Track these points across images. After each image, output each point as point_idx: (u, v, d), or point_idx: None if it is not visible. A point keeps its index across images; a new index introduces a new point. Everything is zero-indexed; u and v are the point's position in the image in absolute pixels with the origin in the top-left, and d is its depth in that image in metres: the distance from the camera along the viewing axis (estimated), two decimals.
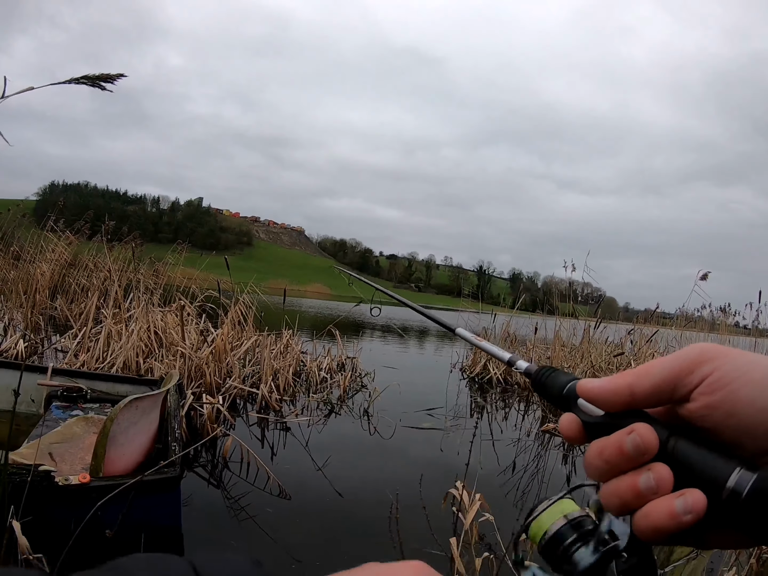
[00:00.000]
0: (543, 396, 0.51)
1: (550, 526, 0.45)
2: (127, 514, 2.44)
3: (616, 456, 0.41)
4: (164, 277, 10.54)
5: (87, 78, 1.96)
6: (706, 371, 0.40)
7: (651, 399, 0.42)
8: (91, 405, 4.16)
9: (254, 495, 3.98)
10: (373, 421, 6.49)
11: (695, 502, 0.37)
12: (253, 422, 5.88)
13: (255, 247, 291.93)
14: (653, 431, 0.40)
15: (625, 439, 0.40)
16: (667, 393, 0.42)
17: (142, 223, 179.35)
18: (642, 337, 10.69)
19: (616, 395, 0.43)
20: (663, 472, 0.39)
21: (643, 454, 0.40)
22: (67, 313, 8.10)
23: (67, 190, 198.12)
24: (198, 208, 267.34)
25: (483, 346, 0.66)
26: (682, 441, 0.40)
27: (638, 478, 0.39)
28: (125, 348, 6.21)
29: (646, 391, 0.42)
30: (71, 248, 11.06)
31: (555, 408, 0.51)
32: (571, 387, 0.47)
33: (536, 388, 0.51)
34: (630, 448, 0.40)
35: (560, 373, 0.49)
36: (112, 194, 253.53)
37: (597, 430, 0.44)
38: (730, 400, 0.39)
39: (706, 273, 10.01)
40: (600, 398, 0.44)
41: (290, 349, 8.17)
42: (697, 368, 0.40)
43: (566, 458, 6.16)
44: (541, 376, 0.51)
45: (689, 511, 0.37)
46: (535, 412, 8.51)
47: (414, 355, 15.29)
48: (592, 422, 0.44)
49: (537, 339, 11.79)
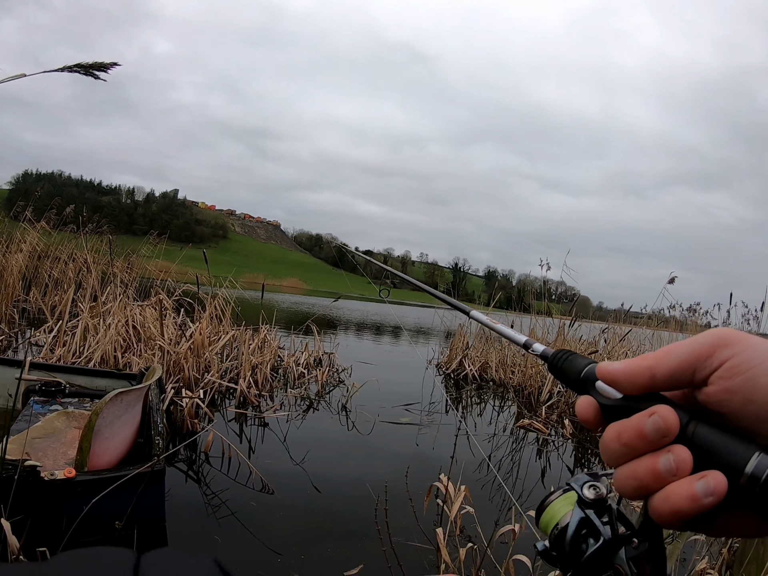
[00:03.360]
0: (560, 379, 0.51)
1: (562, 517, 0.46)
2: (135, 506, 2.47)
3: (635, 439, 0.40)
4: (139, 269, 10.45)
5: (80, 66, 1.96)
6: (726, 355, 0.40)
7: (671, 382, 0.42)
8: (69, 399, 4.13)
9: (236, 489, 3.99)
10: (351, 416, 6.53)
11: (717, 485, 0.37)
12: (232, 417, 5.88)
13: (230, 240, 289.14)
14: (675, 413, 0.40)
15: (645, 421, 0.40)
16: (687, 376, 0.41)
17: (116, 214, 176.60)
18: (615, 335, 10.87)
19: (638, 377, 0.42)
20: (683, 453, 0.39)
21: (663, 437, 0.39)
22: (41, 305, 7.98)
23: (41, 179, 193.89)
24: (173, 200, 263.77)
25: (498, 328, 0.66)
26: (701, 425, 0.39)
27: (657, 459, 0.39)
28: (103, 342, 6.17)
29: (665, 374, 0.42)
30: (45, 239, 10.88)
31: (572, 391, 0.52)
32: (589, 370, 0.46)
33: (553, 371, 0.51)
34: (650, 431, 0.39)
35: (577, 356, 0.49)
36: (87, 184, 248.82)
37: (615, 413, 0.43)
38: (749, 385, 0.38)
39: (674, 277, 10.25)
40: (620, 381, 0.43)
41: (268, 344, 8.16)
42: (717, 351, 0.40)
43: (541, 453, 6.27)
44: (558, 360, 0.50)
45: (711, 493, 0.37)
46: (510, 408, 8.64)
47: (390, 351, 15.35)
48: (610, 405, 0.44)
49: None
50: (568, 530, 0.45)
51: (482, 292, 40.18)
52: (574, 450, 6.56)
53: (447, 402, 8.37)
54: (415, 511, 2.92)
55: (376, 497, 3.35)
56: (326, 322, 19.41)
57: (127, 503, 2.55)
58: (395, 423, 6.53)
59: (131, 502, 2.55)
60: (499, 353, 11.11)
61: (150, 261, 10.88)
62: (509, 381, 10.18)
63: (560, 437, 6.93)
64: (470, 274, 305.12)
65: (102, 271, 8.71)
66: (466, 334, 11.52)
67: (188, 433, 4.94)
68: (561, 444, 6.73)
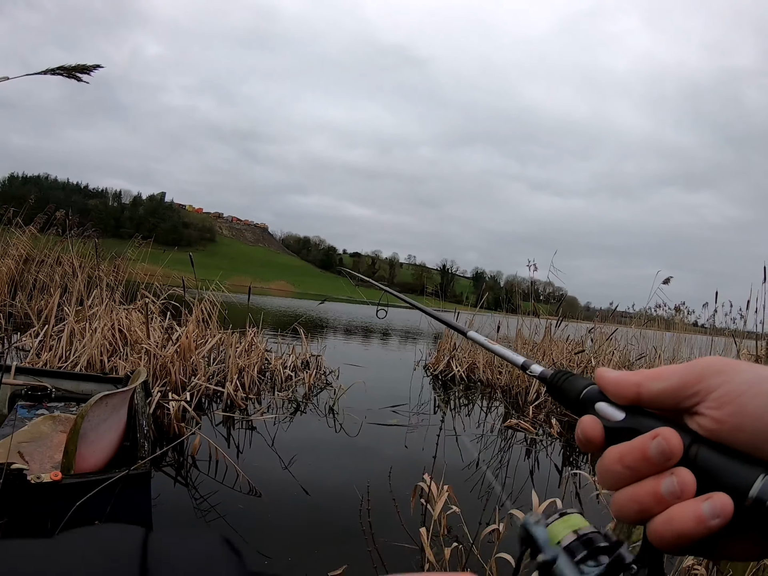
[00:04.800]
0: (558, 400, 0.50)
1: (559, 541, 0.43)
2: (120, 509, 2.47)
3: (638, 461, 0.40)
4: (125, 273, 10.40)
5: (63, 69, 1.97)
6: (714, 384, 0.40)
7: (655, 402, 0.42)
8: (56, 404, 4.11)
9: (223, 493, 3.99)
10: (339, 418, 6.54)
11: (723, 506, 0.36)
12: (219, 421, 5.86)
13: (218, 243, 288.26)
14: (678, 436, 0.39)
15: (649, 443, 0.39)
16: (672, 400, 0.42)
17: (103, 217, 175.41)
18: (602, 335, 10.96)
19: (624, 389, 0.43)
20: (686, 476, 0.38)
21: (667, 459, 0.39)
22: (27, 310, 7.93)
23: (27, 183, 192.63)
24: (160, 203, 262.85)
25: (496, 349, 0.65)
26: (704, 447, 0.39)
27: (660, 482, 0.39)
28: (89, 346, 6.14)
29: (651, 394, 0.42)
30: (31, 243, 10.81)
31: (571, 413, 0.50)
32: (590, 391, 0.46)
33: (551, 392, 0.51)
34: (654, 453, 0.39)
35: (577, 377, 0.49)
36: (73, 187, 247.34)
37: (616, 435, 0.43)
38: (738, 413, 0.38)
39: (669, 278, 10.37)
40: (609, 388, 0.44)
41: (255, 347, 8.15)
42: (703, 380, 0.40)
43: (529, 453, 6.31)
44: (558, 381, 0.50)
45: (717, 514, 0.36)
46: (498, 409, 8.67)
47: (378, 353, 15.36)
48: (611, 427, 0.43)
49: (499, 337, 12.00)
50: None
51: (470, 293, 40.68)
52: (561, 449, 6.61)
53: (435, 403, 8.41)
54: (399, 511, 2.94)
55: (361, 498, 3.36)
56: (314, 324, 19.40)
57: (113, 506, 2.55)
58: (383, 424, 6.55)
59: (117, 505, 2.56)
60: (486, 354, 11.15)
61: (136, 264, 10.83)
62: (497, 381, 10.22)
63: (547, 436, 6.98)
64: (458, 275, 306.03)
65: (88, 275, 8.67)
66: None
67: (175, 437, 4.93)
68: (549, 443, 6.78)
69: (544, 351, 10.67)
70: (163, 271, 10.16)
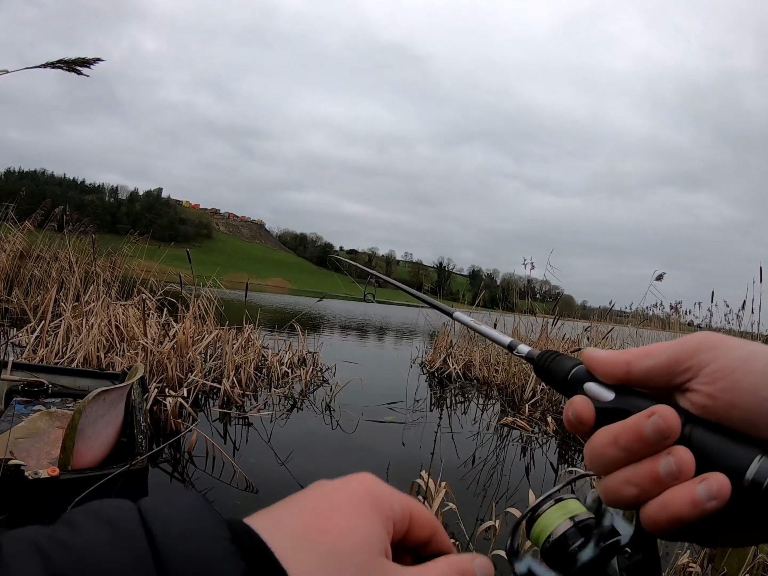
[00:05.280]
0: (546, 380, 0.49)
1: (555, 528, 0.43)
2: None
3: (634, 441, 0.38)
4: (121, 269, 10.37)
5: (63, 62, 1.96)
6: (706, 359, 0.39)
7: (646, 380, 0.41)
8: (52, 400, 4.11)
9: (220, 489, 4.00)
10: (336, 415, 6.55)
11: (720, 487, 0.34)
12: (216, 417, 5.87)
13: (215, 239, 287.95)
14: (676, 413, 0.38)
15: (644, 422, 0.37)
16: (663, 377, 0.40)
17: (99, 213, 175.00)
18: (598, 334, 10.97)
19: (614, 367, 0.42)
20: (684, 455, 0.36)
21: (665, 438, 0.37)
22: (24, 305, 7.91)
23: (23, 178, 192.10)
24: (157, 199, 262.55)
25: (482, 330, 0.66)
26: (698, 427, 0.38)
27: (657, 463, 0.37)
28: (85, 342, 6.13)
29: (642, 371, 0.41)
30: (27, 238, 10.78)
31: (558, 393, 0.49)
32: (578, 371, 0.45)
33: (539, 372, 0.50)
34: (651, 432, 0.37)
35: (564, 357, 0.48)
36: (70, 182, 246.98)
37: (607, 416, 0.41)
38: (732, 389, 0.37)
39: (662, 274, 10.34)
40: (598, 368, 0.43)
41: (251, 344, 8.15)
42: (695, 356, 0.39)
43: (525, 450, 6.33)
44: (545, 361, 0.49)
45: (713, 496, 0.34)
46: (494, 406, 8.69)
47: (374, 351, 15.37)
48: (602, 407, 0.42)
49: None
50: (561, 544, 0.42)
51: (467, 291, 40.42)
52: (557, 447, 6.63)
53: (431, 400, 8.43)
54: None
55: None
56: (311, 321, 19.39)
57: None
58: (379, 422, 6.56)
59: None
60: (482, 352, 11.17)
61: (133, 260, 10.79)
62: (493, 379, 10.23)
63: (543, 434, 6.99)
64: (455, 273, 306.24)
65: (85, 271, 8.65)
66: (450, 333, 11.58)
67: (172, 433, 4.93)
68: (544, 441, 6.80)
69: (540, 349, 10.65)
70: (159, 267, 10.14)
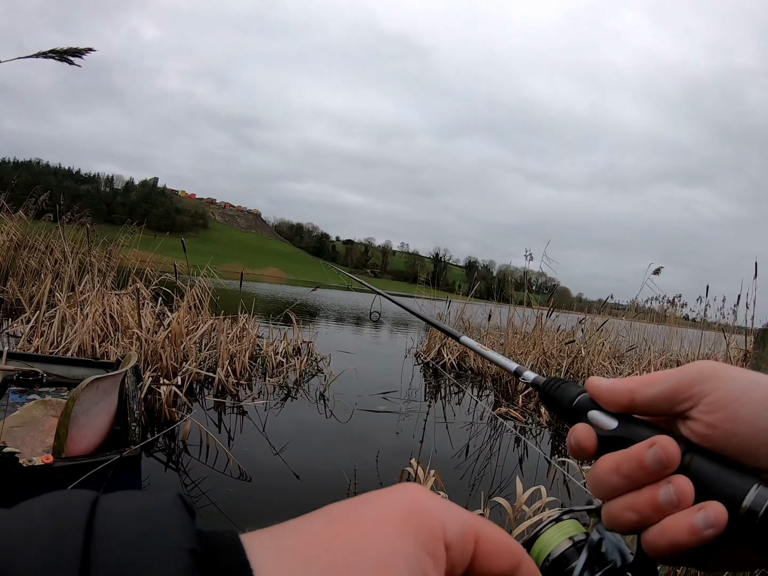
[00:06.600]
0: (551, 408, 0.50)
1: (554, 548, 0.44)
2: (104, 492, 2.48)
3: (635, 470, 0.39)
4: (117, 259, 10.36)
5: (55, 52, 1.96)
6: (707, 389, 0.40)
7: (649, 408, 0.42)
8: (47, 389, 4.12)
9: (214, 478, 4.03)
10: (330, 404, 6.58)
11: (717, 516, 0.35)
12: (210, 406, 5.89)
13: (210, 229, 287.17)
14: (676, 444, 0.39)
15: (646, 452, 0.39)
16: (665, 405, 0.41)
17: (95, 203, 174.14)
18: (593, 326, 11.02)
19: (618, 396, 0.43)
20: (684, 484, 0.38)
21: (665, 468, 0.38)
22: (19, 295, 7.91)
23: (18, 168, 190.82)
24: (153, 189, 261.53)
25: (489, 355, 0.66)
26: (698, 456, 0.39)
27: (658, 491, 0.38)
28: (80, 332, 6.14)
29: (645, 400, 0.42)
30: (22, 228, 10.75)
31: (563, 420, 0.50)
32: (582, 399, 0.46)
33: (544, 399, 0.50)
34: (651, 462, 0.38)
35: (570, 384, 0.48)
36: (65, 172, 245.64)
37: (609, 444, 0.42)
38: (730, 419, 0.38)
39: (659, 268, 10.40)
40: (602, 397, 0.44)
41: (246, 333, 8.16)
42: (696, 385, 0.40)
43: (518, 441, 6.37)
44: (550, 388, 0.49)
45: (711, 525, 0.35)
46: (488, 397, 8.74)
47: (369, 341, 15.39)
48: (605, 435, 0.43)
49: (491, 326, 12.06)
50: (560, 564, 0.43)
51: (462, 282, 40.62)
52: (550, 438, 6.68)
53: (425, 390, 8.46)
54: None
55: (349, 482, 3.39)
56: (306, 311, 19.40)
57: (104, 490, 2.57)
58: (373, 411, 6.59)
59: (108, 489, 2.58)
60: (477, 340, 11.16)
61: (128, 250, 10.78)
62: (487, 370, 10.27)
63: (537, 425, 7.04)
64: (451, 264, 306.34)
65: (80, 261, 8.64)
66: (444, 323, 11.58)
67: (166, 422, 4.95)
68: (538, 432, 6.84)
69: (534, 341, 10.73)
70: (154, 257, 10.13)
